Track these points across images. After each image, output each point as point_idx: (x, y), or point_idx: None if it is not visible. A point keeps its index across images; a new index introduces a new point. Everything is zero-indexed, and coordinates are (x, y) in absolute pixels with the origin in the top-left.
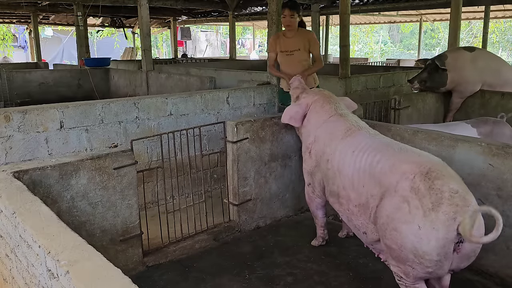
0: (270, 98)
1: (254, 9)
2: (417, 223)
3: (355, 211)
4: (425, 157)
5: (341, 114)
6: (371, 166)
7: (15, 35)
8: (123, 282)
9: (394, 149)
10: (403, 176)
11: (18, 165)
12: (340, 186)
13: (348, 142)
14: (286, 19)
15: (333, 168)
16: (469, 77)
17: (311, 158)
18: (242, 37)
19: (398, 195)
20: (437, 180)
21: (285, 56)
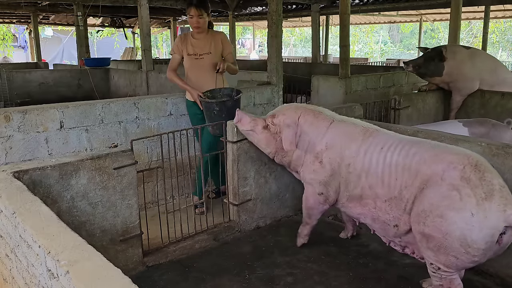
0: (270, 98)
1: (254, 9)
2: (469, 210)
3: (384, 207)
4: (467, 150)
5: (342, 119)
6: (406, 158)
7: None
8: (123, 282)
9: (429, 143)
10: (450, 166)
11: (18, 165)
12: (365, 187)
13: (373, 141)
14: (194, 20)
15: (357, 171)
16: (466, 72)
17: (324, 167)
18: (242, 37)
19: (446, 183)
20: (487, 173)
21: (194, 60)
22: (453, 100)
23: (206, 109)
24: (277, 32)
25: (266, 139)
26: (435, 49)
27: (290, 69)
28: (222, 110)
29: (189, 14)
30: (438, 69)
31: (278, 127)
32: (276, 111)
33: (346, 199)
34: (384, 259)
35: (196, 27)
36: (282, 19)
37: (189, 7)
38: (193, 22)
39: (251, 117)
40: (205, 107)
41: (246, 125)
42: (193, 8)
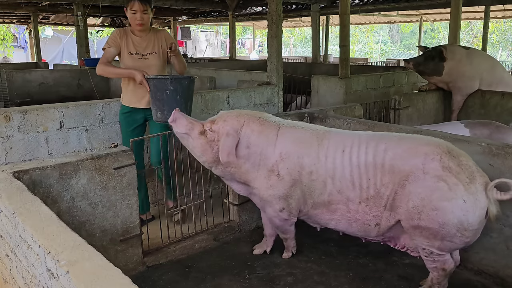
0: (270, 98)
1: (254, 9)
2: (461, 198)
3: (361, 209)
4: (432, 138)
5: (288, 124)
6: (376, 156)
7: (15, 35)
8: (123, 282)
9: (393, 136)
10: (427, 158)
11: (18, 165)
12: (333, 192)
13: (330, 144)
14: (137, 15)
15: (321, 177)
16: (466, 71)
17: (283, 179)
18: (242, 37)
19: (430, 176)
20: (461, 157)
21: (136, 60)
22: (454, 100)
23: (157, 90)
24: (277, 32)
25: (201, 146)
26: (435, 48)
27: (290, 69)
28: (177, 90)
29: (131, 9)
30: (438, 69)
31: (216, 134)
32: (217, 117)
33: (311, 206)
34: (384, 259)
35: (140, 24)
36: (282, 19)
37: (132, 1)
38: (136, 18)
39: (188, 119)
40: (155, 87)
41: (181, 127)
42: (137, 2)
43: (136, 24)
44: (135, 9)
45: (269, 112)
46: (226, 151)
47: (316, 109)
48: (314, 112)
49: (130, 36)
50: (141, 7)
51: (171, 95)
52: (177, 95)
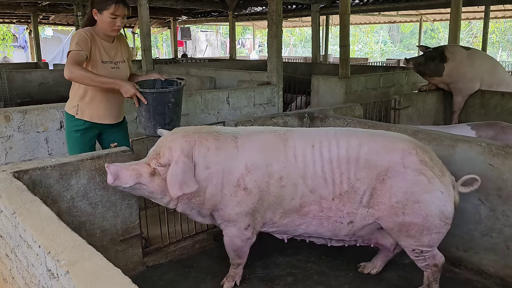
0: (270, 98)
1: (254, 9)
2: (439, 189)
3: (334, 205)
4: (402, 135)
5: (245, 132)
6: (350, 150)
7: (15, 35)
8: (123, 282)
9: (364, 133)
10: (405, 153)
11: (18, 165)
12: (305, 193)
13: (296, 143)
14: (117, 21)
15: (292, 180)
16: (466, 72)
17: (251, 193)
18: (242, 37)
19: (411, 169)
20: (430, 152)
21: (110, 69)
22: (455, 101)
23: (158, 103)
24: (277, 32)
25: (159, 187)
26: (436, 49)
27: (290, 69)
28: (177, 102)
29: (112, 13)
30: (438, 69)
31: (168, 168)
32: (158, 147)
33: (280, 216)
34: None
35: (118, 30)
36: (282, 19)
37: (116, 4)
38: (116, 23)
39: (128, 167)
40: (155, 101)
41: (128, 180)
42: (121, 6)
43: (112, 30)
44: (117, 14)
45: (269, 112)
46: (178, 182)
47: (316, 109)
48: (314, 112)
49: (99, 41)
50: (125, 12)
51: (172, 107)
52: (177, 106)
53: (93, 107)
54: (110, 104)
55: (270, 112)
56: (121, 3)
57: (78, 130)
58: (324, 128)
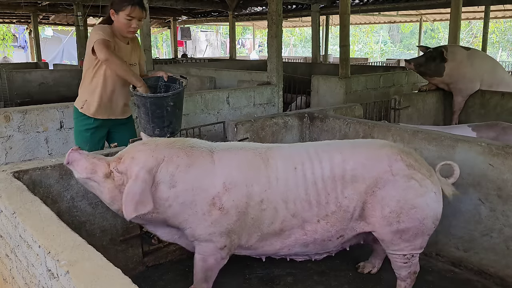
0: (270, 98)
1: (254, 9)
2: (431, 190)
3: (320, 228)
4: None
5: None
6: (334, 169)
7: (15, 35)
8: (123, 282)
9: (346, 145)
10: (391, 159)
11: (18, 165)
12: (287, 218)
13: (278, 164)
14: (132, 22)
15: (273, 204)
16: (466, 72)
17: (228, 213)
18: (242, 37)
19: (400, 176)
20: (412, 153)
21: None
22: (455, 101)
23: (157, 107)
24: (277, 32)
25: (109, 192)
26: (436, 49)
27: (290, 69)
28: (176, 105)
29: (129, 15)
30: (439, 70)
31: (124, 176)
32: (125, 151)
33: (257, 240)
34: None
35: (133, 32)
36: (282, 19)
37: (132, 6)
38: (132, 25)
39: (89, 159)
40: (154, 105)
41: (80, 171)
42: (137, 8)
43: (128, 32)
44: (133, 15)
45: (269, 112)
46: (134, 202)
47: (316, 109)
48: (314, 112)
49: (116, 40)
50: (141, 14)
51: (171, 110)
52: (176, 109)
53: (102, 104)
54: (117, 99)
55: (270, 112)
56: (137, 5)
57: (88, 129)
58: (304, 145)
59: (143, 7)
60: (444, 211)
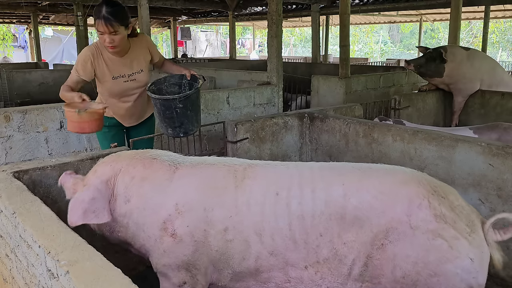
0: (270, 98)
1: (254, 9)
2: (467, 256)
3: (307, 276)
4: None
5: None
6: (331, 204)
7: (15, 35)
8: (123, 282)
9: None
10: (412, 205)
11: (18, 165)
12: (263, 255)
13: (254, 184)
14: (105, 37)
15: (242, 235)
16: (466, 72)
17: (181, 241)
18: (242, 37)
19: (422, 231)
20: (449, 195)
21: (122, 83)
22: (455, 102)
23: (166, 109)
24: (277, 32)
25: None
26: (436, 49)
27: (290, 69)
28: (186, 106)
29: (97, 29)
30: (438, 70)
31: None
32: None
33: (230, 279)
34: None
35: (110, 47)
36: (282, 19)
37: (97, 20)
38: (105, 40)
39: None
40: (163, 106)
41: (67, 193)
42: (101, 22)
43: (106, 46)
44: (100, 30)
45: (269, 112)
46: (80, 208)
47: (316, 109)
48: (314, 112)
49: (106, 55)
50: (107, 29)
51: (181, 112)
52: (187, 110)
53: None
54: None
55: (270, 112)
56: (102, 19)
57: (104, 126)
58: (300, 165)
59: (109, 20)
60: None
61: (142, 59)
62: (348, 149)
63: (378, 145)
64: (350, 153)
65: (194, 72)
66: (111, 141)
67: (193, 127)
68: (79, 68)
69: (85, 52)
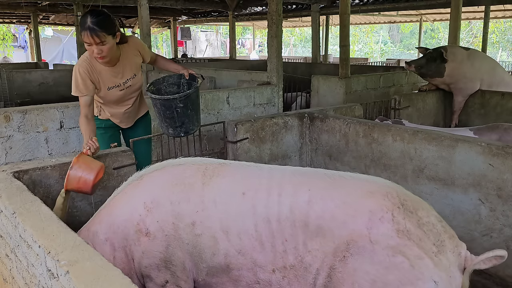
0: (270, 98)
1: (254, 9)
2: (430, 279)
3: (275, 280)
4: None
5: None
6: (295, 210)
7: (15, 35)
8: (123, 282)
9: (322, 180)
10: (374, 218)
11: (18, 165)
12: (231, 252)
13: (222, 182)
14: (93, 48)
15: (210, 231)
16: (467, 72)
17: (155, 238)
18: (242, 37)
19: (382, 247)
20: (418, 211)
21: (118, 93)
22: (455, 101)
23: (166, 108)
24: (277, 32)
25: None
26: (436, 50)
27: (290, 69)
28: (187, 106)
29: (84, 41)
30: (439, 70)
31: None
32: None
33: (206, 273)
34: None
35: (99, 57)
36: (282, 19)
37: (83, 31)
38: (93, 51)
39: None
40: (163, 106)
41: None
42: (87, 33)
43: (94, 57)
44: (87, 41)
45: (269, 112)
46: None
47: (316, 109)
48: (314, 112)
49: (100, 69)
50: (93, 40)
51: (181, 111)
52: (188, 110)
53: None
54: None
55: (270, 112)
56: (88, 30)
57: (99, 127)
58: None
59: (94, 31)
60: (443, 211)
61: (133, 64)
62: (348, 149)
63: (378, 145)
64: (350, 153)
65: (192, 71)
66: (108, 142)
67: (194, 126)
68: (81, 89)
69: (80, 69)
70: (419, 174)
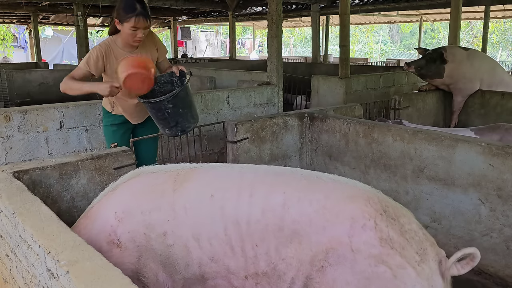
0: (270, 98)
1: (254, 9)
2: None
3: (249, 286)
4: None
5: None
6: (267, 213)
7: (15, 35)
8: (123, 282)
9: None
10: (356, 225)
11: (18, 165)
12: (204, 261)
13: (193, 186)
14: (138, 33)
15: (181, 239)
16: (466, 72)
17: (126, 249)
18: (242, 37)
19: (364, 256)
20: (401, 218)
21: None
22: (455, 101)
23: (157, 111)
24: (277, 32)
25: None
26: (436, 50)
27: (290, 69)
28: (177, 105)
29: (133, 26)
30: (439, 71)
31: None
32: None
33: (182, 285)
34: None
35: (139, 41)
36: (282, 19)
37: (136, 17)
38: (136, 35)
39: None
40: (153, 109)
41: None
42: (141, 19)
43: (134, 41)
44: (138, 26)
45: (269, 112)
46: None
47: (316, 109)
48: (314, 112)
49: (119, 52)
50: (146, 24)
51: (172, 111)
52: (179, 109)
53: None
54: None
55: (270, 112)
56: (141, 15)
57: (113, 124)
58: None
59: (147, 16)
60: (444, 211)
61: (149, 55)
62: (348, 149)
63: (378, 145)
64: (350, 153)
65: (182, 67)
66: (122, 139)
67: (190, 124)
68: (90, 63)
69: (98, 49)
70: (419, 174)
